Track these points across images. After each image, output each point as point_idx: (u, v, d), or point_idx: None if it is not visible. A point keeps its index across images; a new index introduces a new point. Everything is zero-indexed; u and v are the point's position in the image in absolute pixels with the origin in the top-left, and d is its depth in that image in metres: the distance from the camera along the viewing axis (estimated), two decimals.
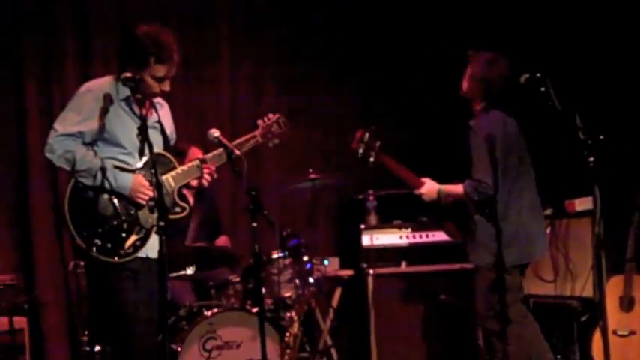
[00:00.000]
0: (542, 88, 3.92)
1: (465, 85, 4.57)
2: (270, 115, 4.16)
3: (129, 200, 3.73)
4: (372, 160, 4.43)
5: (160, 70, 3.71)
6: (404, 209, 5.95)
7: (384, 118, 6.40)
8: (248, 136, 4.05)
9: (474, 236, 4.48)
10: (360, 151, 4.47)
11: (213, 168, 3.91)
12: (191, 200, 4.03)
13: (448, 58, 5.07)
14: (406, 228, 5.83)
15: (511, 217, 4.41)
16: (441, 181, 4.56)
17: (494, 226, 4.28)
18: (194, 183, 3.94)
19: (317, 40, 6.52)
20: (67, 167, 3.67)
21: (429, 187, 4.50)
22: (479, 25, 6.12)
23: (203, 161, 3.92)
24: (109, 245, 3.68)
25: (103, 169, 3.67)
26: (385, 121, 6.57)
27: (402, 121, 6.50)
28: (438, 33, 6.37)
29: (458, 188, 4.44)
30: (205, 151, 5.14)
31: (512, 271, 4.38)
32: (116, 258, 3.69)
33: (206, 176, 3.90)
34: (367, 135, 4.46)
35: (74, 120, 3.70)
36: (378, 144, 4.46)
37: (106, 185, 3.68)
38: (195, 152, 5.21)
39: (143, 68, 3.68)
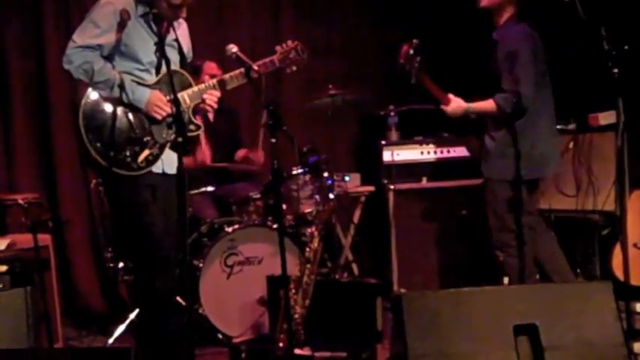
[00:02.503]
0: None
1: None
2: (289, 42, 4.12)
3: (144, 114, 3.75)
4: (413, 78, 4.37)
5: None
6: (425, 125, 5.91)
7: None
8: (266, 60, 4.01)
9: (489, 150, 4.48)
10: (406, 67, 4.38)
11: (216, 95, 3.89)
12: (210, 116, 4.03)
13: None
14: (427, 144, 5.79)
15: (528, 133, 4.39)
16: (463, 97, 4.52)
17: (512, 139, 4.31)
18: (201, 106, 3.92)
19: None
20: (84, 78, 3.67)
21: (456, 104, 4.47)
22: None
23: (221, 82, 3.90)
24: (123, 158, 3.70)
25: (121, 81, 3.67)
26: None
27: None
28: None
29: (486, 104, 4.40)
30: (223, 67, 5.17)
31: (520, 185, 4.42)
32: (129, 171, 3.71)
33: (209, 102, 3.88)
34: (411, 50, 4.37)
35: (93, 32, 3.69)
36: (418, 59, 4.38)
37: (123, 97, 3.69)
38: (210, 66, 5.19)
39: None
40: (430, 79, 4.42)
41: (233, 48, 3.79)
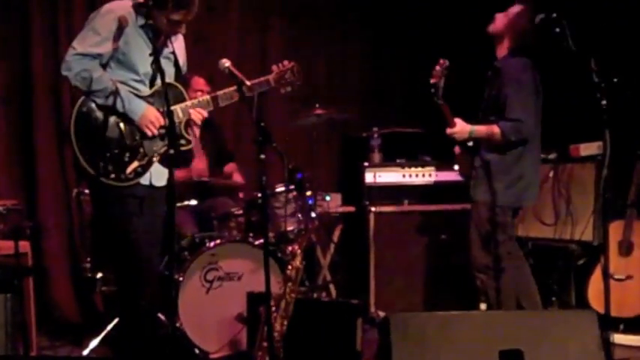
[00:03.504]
0: (557, 29, 3.89)
1: (500, 22, 4.54)
2: (286, 63, 4.13)
3: (136, 126, 3.74)
4: (439, 98, 4.37)
5: (177, 15, 3.70)
6: (408, 148, 5.95)
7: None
8: (261, 79, 4.02)
9: (479, 173, 4.53)
10: (437, 86, 4.37)
11: (205, 112, 3.90)
12: (197, 132, 4.03)
13: None
14: (409, 167, 5.83)
15: (521, 161, 4.48)
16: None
17: (505, 166, 4.41)
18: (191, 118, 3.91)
19: None
20: (82, 86, 3.67)
21: (462, 127, 4.50)
22: None
23: (215, 99, 3.92)
24: (111, 168, 3.69)
25: (119, 91, 3.67)
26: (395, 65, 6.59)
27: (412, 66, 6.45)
28: None
29: (490, 129, 4.45)
30: (211, 81, 5.18)
31: (507, 210, 4.51)
32: (117, 182, 3.69)
33: (194, 117, 3.88)
34: (442, 69, 4.38)
35: (93, 40, 3.69)
36: (444, 79, 4.39)
37: (118, 107, 3.69)
38: (198, 82, 5.19)
39: (161, 10, 3.67)
40: (446, 103, 4.44)
41: (226, 63, 3.78)
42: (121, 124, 3.72)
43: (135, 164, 3.73)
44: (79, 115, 3.67)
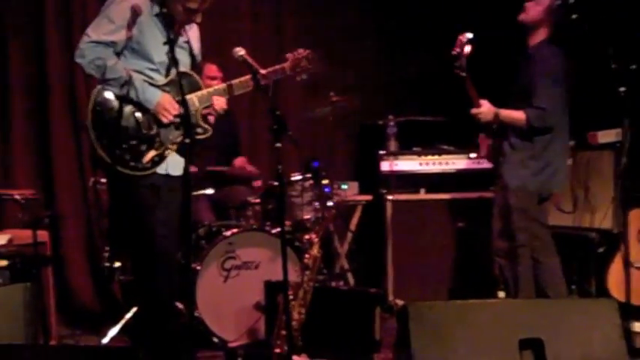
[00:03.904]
0: (575, 16, 3.86)
1: (534, 11, 4.50)
2: (301, 50, 4.11)
3: (152, 115, 3.73)
4: (461, 69, 4.35)
5: (193, 3, 3.68)
6: (424, 136, 5.93)
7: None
8: (277, 67, 4.01)
9: (507, 158, 4.54)
10: (458, 57, 4.36)
11: (224, 100, 3.89)
12: (212, 120, 4.03)
13: None
14: (426, 155, 5.80)
15: (549, 148, 4.48)
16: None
17: (533, 152, 4.43)
18: (205, 111, 3.91)
19: None
20: (96, 74, 3.66)
21: (487, 108, 4.49)
22: None
23: (230, 87, 3.90)
24: (128, 157, 3.68)
25: (132, 80, 3.66)
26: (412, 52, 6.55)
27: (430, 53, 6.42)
28: None
29: (516, 114, 4.45)
30: (224, 68, 5.17)
31: (533, 197, 4.52)
32: (134, 171, 3.69)
33: (217, 106, 3.88)
34: (465, 40, 4.37)
35: (107, 28, 3.67)
36: (468, 50, 4.37)
37: (133, 96, 3.67)
38: (211, 69, 5.19)
39: None
40: (470, 79, 4.41)
41: (240, 51, 3.76)
42: (137, 114, 3.71)
43: (151, 153, 3.73)
44: (96, 105, 3.66)
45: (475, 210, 5.55)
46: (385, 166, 5.78)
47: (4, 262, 3.79)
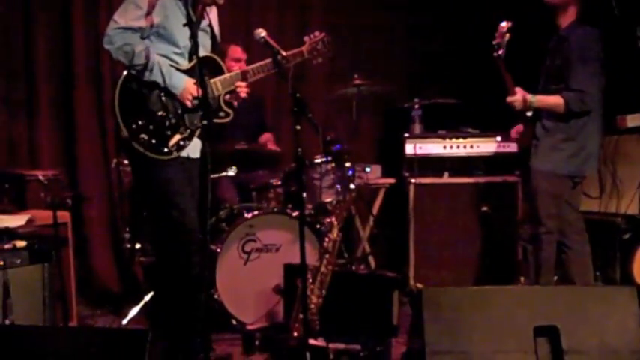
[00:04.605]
0: None
1: None
2: (317, 33, 4.12)
3: (178, 100, 3.77)
4: (500, 57, 4.32)
5: None
6: (449, 119, 5.86)
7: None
8: (295, 51, 4.02)
9: (540, 141, 4.47)
10: (500, 45, 4.33)
11: (246, 86, 3.92)
12: (236, 105, 4.05)
13: None
14: (450, 138, 5.73)
15: (584, 131, 4.41)
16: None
17: (567, 135, 4.38)
18: (227, 97, 3.94)
19: None
20: (124, 60, 3.69)
21: (522, 95, 4.42)
22: None
23: (244, 74, 3.92)
24: (154, 141, 3.72)
25: (160, 66, 3.70)
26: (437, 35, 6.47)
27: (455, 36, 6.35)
28: None
29: (553, 99, 4.39)
30: (248, 51, 5.15)
31: (566, 181, 4.46)
32: (160, 155, 3.72)
33: (241, 93, 3.92)
34: (505, 29, 4.33)
35: (135, 14, 3.69)
36: (508, 38, 4.33)
37: (160, 81, 3.71)
38: (235, 50, 5.17)
39: None
40: (506, 68, 4.37)
41: (262, 33, 3.76)
42: (164, 99, 3.76)
43: (177, 137, 3.77)
44: (123, 90, 3.70)
45: (499, 194, 5.49)
46: (409, 149, 5.72)
47: (22, 243, 3.81)
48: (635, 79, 3.81)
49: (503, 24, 4.31)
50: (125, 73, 3.72)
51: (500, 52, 4.29)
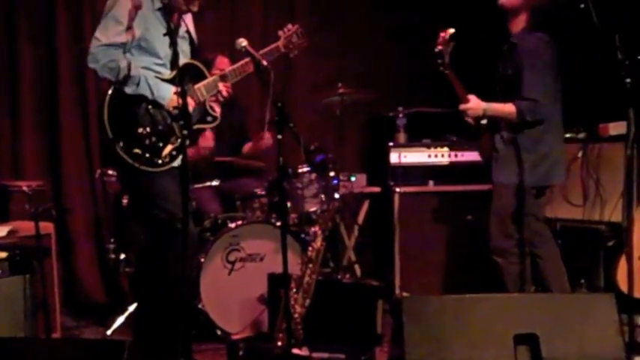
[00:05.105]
0: (582, 5, 3.79)
1: None
2: (290, 26, 4.16)
3: (166, 111, 3.79)
4: (445, 66, 4.24)
5: None
6: (433, 128, 5.88)
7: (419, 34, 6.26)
8: (272, 47, 4.07)
9: (500, 154, 4.42)
10: (442, 54, 4.24)
11: (228, 85, 3.96)
12: (217, 110, 4.06)
13: None
14: (435, 147, 5.76)
15: (544, 140, 4.36)
16: None
17: (527, 145, 4.31)
18: (212, 98, 3.96)
19: None
20: (110, 76, 3.71)
21: (475, 104, 4.35)
22: None
23: (223, 77, 3.96)
24: (148, 155, 3.74)
25: (146, 78, 3.72)
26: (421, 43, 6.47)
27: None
28: None
29: (506, 107, 4.32)
30: (233, 60, 5.15)
31: (531, 191, 4.39)
32: (153, 167, 3.75)
33: (223, 92, 3.95)
34: (447, 37, 4.24)
35: (116, 30, 3.70)
36: (452, 46, 4.25)
37: (147, 94, 3.73)
38: (223, 61, 5.17)
39: None
40: (455, 74, 4.31)
41: (243, 42, 3.77)
42: (152, 111, 3.79)
43: (169, 147, 3.80)
44: (111, 106, 3.71)
45: (484, 202, 5.46)
46: (394, 157, 5.74)
47: (3, 254, 3.80)
48: (616, 87, 3.81)
49: (445, 32, 4.22)
50: (111, 90, 3.72)
51: (446, 59, 4.21)
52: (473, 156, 5.65)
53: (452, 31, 4.21)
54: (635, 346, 3.70)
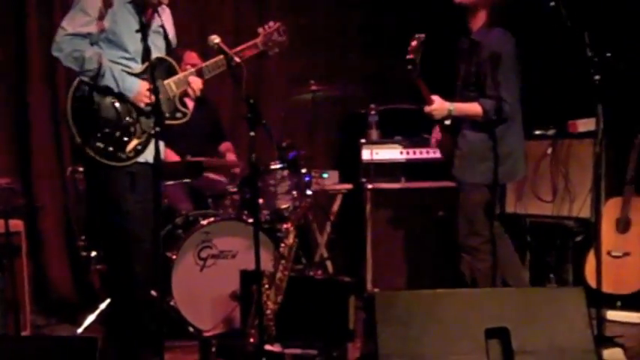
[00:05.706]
0: (552, 3, 3.83)
1: None
2: (271, 23, 4.10)
3: (132, 104, 3.74)
4: (415, 72, 4.18)
5: None
6: (406, 125, 5.89)
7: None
8: (249, 43, 4.01)
9: (465, 153, 4.42)
10: (414, 61, 4.15)
11: (200, 81, 3.90)
12: (190, 106, 4.03)
13: None
14: (407, 144, 5.78)
15: (507, 138, 4.35)
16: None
17: (492, 143, 4.29)
18: (182, 95, 3.92)
19: None
20: (74, 66, 3.66)
21: (440, 105, 4.33)
22: None
23: (199, 71, 3.90)
24: (111, 149, 3.69)
25: (112, 70, 3.67)
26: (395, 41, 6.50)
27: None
28: None
29: (471, 107, 4.32)
30: (205, 57, 5.14)
31: (496, 189, 4.41)
32: (118, 162, 3.69)
33: (194, 88, 3.89)
34: (418, 44, 4.18)
35: (83, 20, 3.67)
36: (421, 51, 4.19)
37: (112, 87, 3.68)
38: (191, 56, 5.15)
39: None
40: (421, 77, 4.26)
41: (215, 39, 3.74)
42: (117, 104, 3.72)
43: (134, 142, 3.74)
44: (75, 99, 3.66)
45: (455, 199, 5.52)
46: (366, 154, 5.76)
47: None
48: (585, 84, 3.86)
49: (416, 39, 4.17)
50: (76, 82, 3.68)
51: (416, 67, 4.17)
52: None
53: (422, 37, 4.17)
54: (604, 339, 3.76)
